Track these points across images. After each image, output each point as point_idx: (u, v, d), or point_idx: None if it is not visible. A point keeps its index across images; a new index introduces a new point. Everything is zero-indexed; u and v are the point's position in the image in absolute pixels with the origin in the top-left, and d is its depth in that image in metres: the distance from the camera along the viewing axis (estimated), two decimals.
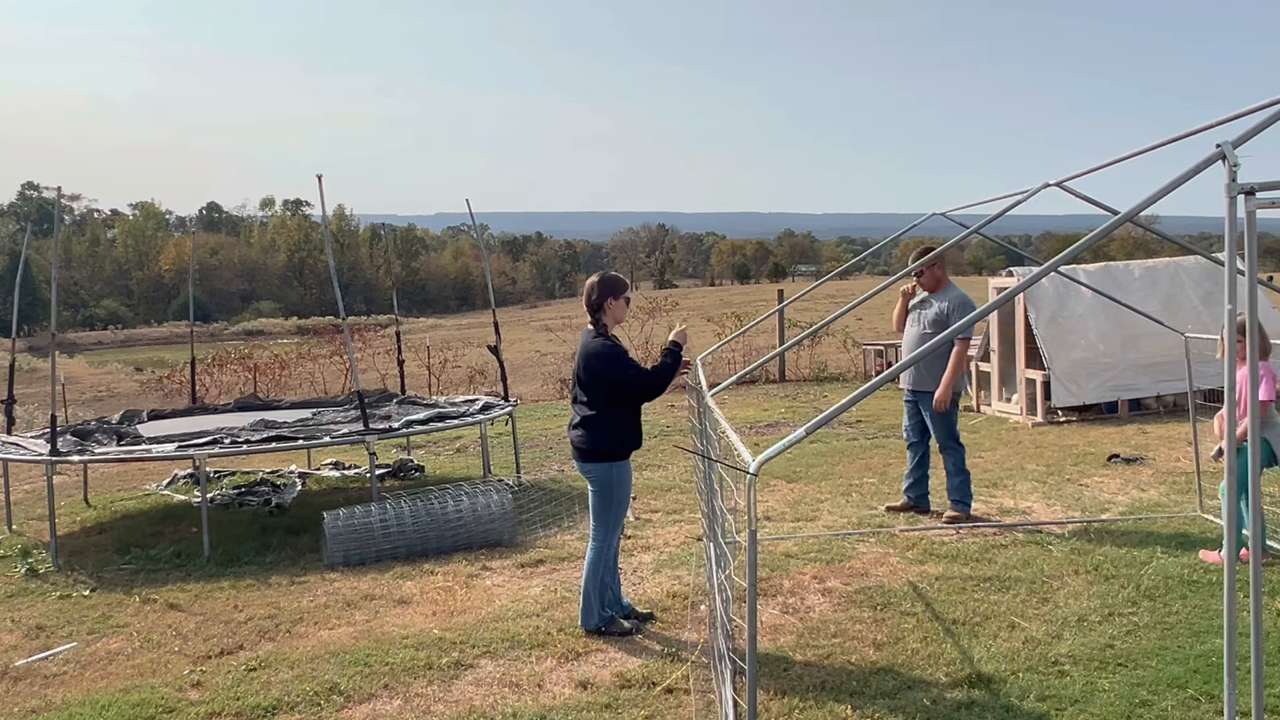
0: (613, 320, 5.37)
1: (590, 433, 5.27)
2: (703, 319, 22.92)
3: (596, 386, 5.26)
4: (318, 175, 8.44)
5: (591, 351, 5.30)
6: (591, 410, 5.27)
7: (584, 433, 5.28)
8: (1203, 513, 7.01)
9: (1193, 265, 12.17)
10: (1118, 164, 5.08)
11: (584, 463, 5.34)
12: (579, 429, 5.32)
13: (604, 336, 5.34)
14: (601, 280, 5.40)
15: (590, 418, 5.26)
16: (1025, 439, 10.61)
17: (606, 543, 5.32)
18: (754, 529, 2.85)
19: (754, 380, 16.83)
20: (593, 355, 5.29)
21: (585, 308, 5.39)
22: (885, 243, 12.39)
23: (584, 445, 5.29)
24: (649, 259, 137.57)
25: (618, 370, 5.26)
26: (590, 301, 5.36)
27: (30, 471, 10.39)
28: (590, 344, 5.33)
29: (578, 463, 5.40)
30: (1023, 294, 11.39)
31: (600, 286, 5.35)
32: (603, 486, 5.30)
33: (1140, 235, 48.27)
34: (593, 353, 5.29)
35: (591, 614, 5.28)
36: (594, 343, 5.32)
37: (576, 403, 5.39)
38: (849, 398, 3.08)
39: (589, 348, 5.33)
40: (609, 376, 5.24)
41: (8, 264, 65.78)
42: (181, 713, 4.50)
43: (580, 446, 5.31)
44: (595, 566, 5.30)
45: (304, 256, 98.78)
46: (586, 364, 5.30)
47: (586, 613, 5.30)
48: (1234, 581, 3.06)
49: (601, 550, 5.31)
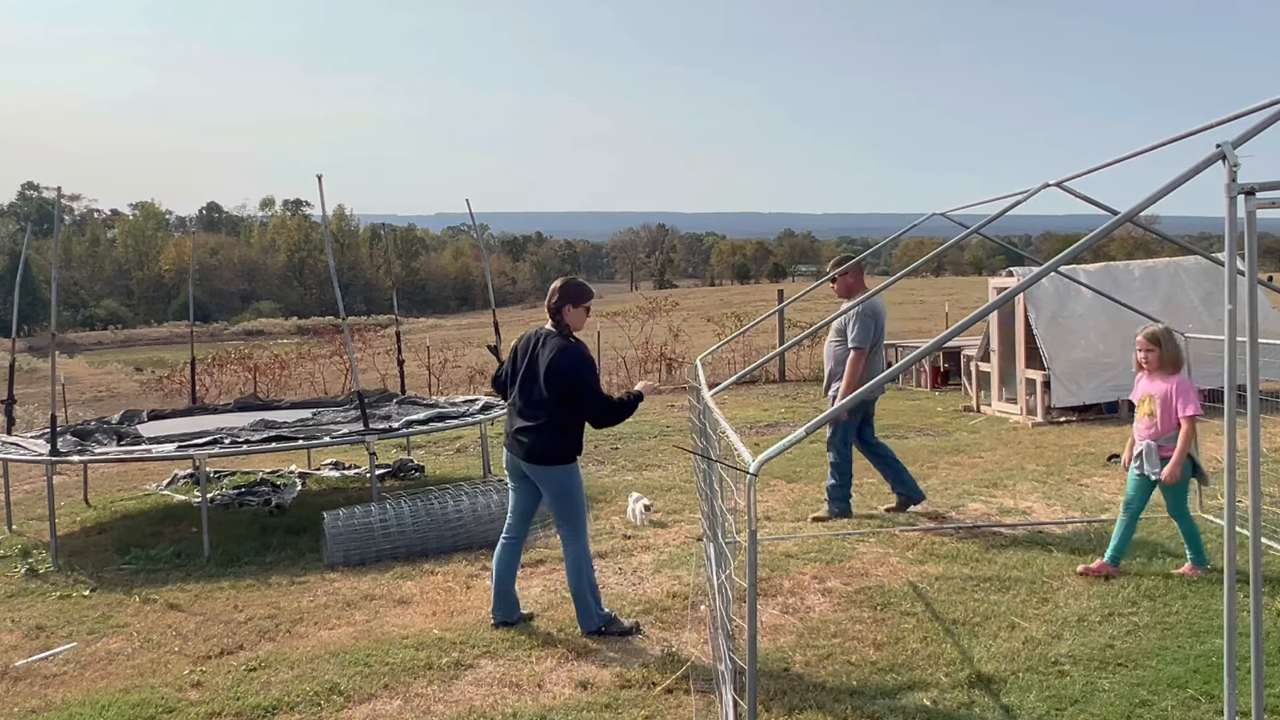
0: (570, 327, 5.28)
1: (547, 436, 5.14)
2: (703, 319, 22.93)
3: (561, 389, 5.10)
4: (318, 175, 8.45)
5: (563, 353, 5.13)
6: (547, 413, 5.13)
7: (540, 437, 5.14)
8: (1203, 513, 7.00)
9: (1193, 265, 12.17)
10: (1117, 164, 5.08)
11: (538, 466, 5.17)
12: (531, 433, 5.15)
13: (569, 339, 5.22)
14: (564, 286, 5.29)
15: (546, 422, 5.13)
16: (1025, 439, 10.61)
17: (581, 542, 5.26)
18: (754, 529, 2.85)
19: (754, 380, 16.83)
20: (565, 358, 5.11)
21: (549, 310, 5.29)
22: (885, 242, 12.40)
23: (540, 449, 5.14)
24: (649, 259, 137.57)
25: (587, 381, 5.14)
26: (549, 304, 5.28)
27: (30, 471, 10.39)
28: (560, 345, 5.16)
29: (528, 466, 5.20)
30: (1023, 294, 11.39)
31: (561, 292, 5.25)
32: (562, 490, 5.21)
33: (1140, 235, 48.29)
34: (565, 355, 5.12)
35: (590, 616, 5.25)
36: (563, 344, 5.17)
37: (530, 404, 5.19)
38: (849, 398, 3.08)
39: (558, 348, 5.15)
40: (577, 384, 5.10)
41: (8, 264, 65.80)
42: (181, 713, 4.50)
43: (535, 450, 5.15)
44: (579, 569, 5.23)
45: (304, 256, 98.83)
46: (554, 365, 5.11)
47: (585, 616, 5.26)
48: (1234, 581, 3.06)
49: (580, 551, 5.24)
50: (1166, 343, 5.67)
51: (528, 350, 5.31)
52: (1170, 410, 5.57)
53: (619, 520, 7.67)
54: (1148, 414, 5.66)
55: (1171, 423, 5.57)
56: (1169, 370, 5.65)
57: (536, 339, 5.31)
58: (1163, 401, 5.59)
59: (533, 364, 5.23)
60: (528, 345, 5.33)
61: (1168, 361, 5.66)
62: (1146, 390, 5.71)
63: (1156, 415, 5.63)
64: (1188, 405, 5.51)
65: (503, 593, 5.41)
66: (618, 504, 8.26)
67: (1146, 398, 5.70)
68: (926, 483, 8.53)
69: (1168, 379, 5.63)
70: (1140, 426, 5.72)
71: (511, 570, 5.44)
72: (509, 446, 5.33)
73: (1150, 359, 5.68)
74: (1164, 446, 5.59)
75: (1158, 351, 5.66)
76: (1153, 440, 5.63)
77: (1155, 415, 5.63)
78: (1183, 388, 5.57)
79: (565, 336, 5.22)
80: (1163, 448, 5.60)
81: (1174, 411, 5.56)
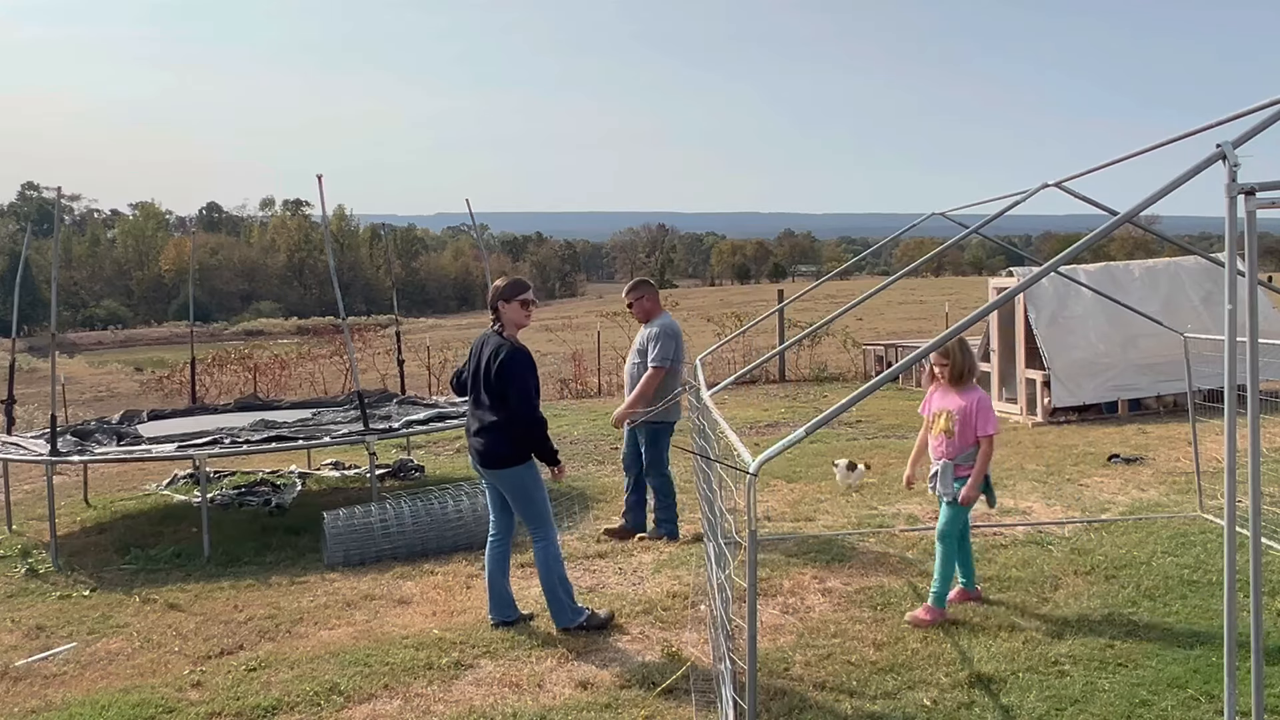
0: (510, 324, 5.30)
1: (500, 438, 5.17)
2: (703, 319, 22.93)
3: (507, 389, 5.13)
4: (318, 175, 8.45)
5: (503, 352, 5.16)
6: (497, 415, 5.17)
7: (493, 438, 5.18)
8: (1203, 513, 7.01)
9: (1193, 265, 12.17)
10: (1117, 164, 5.08)
11: (496, 469, 5.22)
12: (486, 435, 5.20)
13: (512, 341, 5.24)
14: (503, 283, 5.34)
15: (495, 423, 5.17)
16: (1025, 439, 10.61)
17: (550, 539, 5.30)
18: (754, 529, 2.85)
19: (754, 380, 16.83)
20: (506, 358, 5.14)
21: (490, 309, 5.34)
22: (885, 242, 12.41)
23: (496, 452, 5.18)
24: (649, 259, 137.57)
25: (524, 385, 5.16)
26: (490, 302, 5.34)
27: (30, 471, 10.39)
28: (500, 345, 5.20)
29: (486, 470, 5.26)
30: (1023, 294, 11.39)
31: (496, 289, 5.31)
32: (521, 491, 5.26)
33: (1140, 235, 48.30)
34: (505, 356, 5.15)
35: (564, 612, 5.25)
36: (504, 345, 5.20)
37: (480, 407, 5.24)
38: (849, 398, 3.08)
39: (498, 348, 5.19)
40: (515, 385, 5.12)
41: (8, 264, 65.80)
42: (181, 713, 4.50)
43: (491, 453, 5.19)
44: (550, 566, 5.25)
45: (304, 256, 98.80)
46: (501, 367, 5.13)
47: (560, 613, 5.26)
48: (1234, 581, 3.06)
49: (549, 548, 5.27)
50: (959, 354, 5.23)
51: (478, 352, 5.35)
52: (969, 427, 5.16)
53: (619, 520, 7.66)
54: (944, 430, 5.23)
55: (970, 439, 5.17)
56: (965, 383, 5.25)
57: (483, 340, 5.36)
58: (962, 417, 5.17)
59: (484, 364, 5.25)
60: (479, 347, 5.36)
61: (965, 373, 5.25)
62: (942, 405, 5.29)
63: (954, 432, 5.19)
64: (988, 423, 5.14)
65: (497, 592, 5.42)
66: (618, 504, 8.26)
67: (942, 413, 5.27)
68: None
69: (965, 393, 5.22)
70: (934, 444, 5.30)
71: (503, 568, 5.45)
72: (470, 450, 5.37)
73: (944, 372, 5.27)
74: (960, 465, 5.20)
75: (950, 365, 5.24)
76: (949, 459, 5.21)
77: (953, 432, 5.19)
78: (983, 404, 5.19)
79: (504, 336, 5.27)
80: (959, 466, 5.20)
81: (973, 429, 5.16)
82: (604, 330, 19.76)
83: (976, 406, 5.16)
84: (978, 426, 5.15)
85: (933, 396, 5.40)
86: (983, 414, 5.14)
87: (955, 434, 5.18)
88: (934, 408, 5.35)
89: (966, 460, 5.19)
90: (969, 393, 5.22)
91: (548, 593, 5.28)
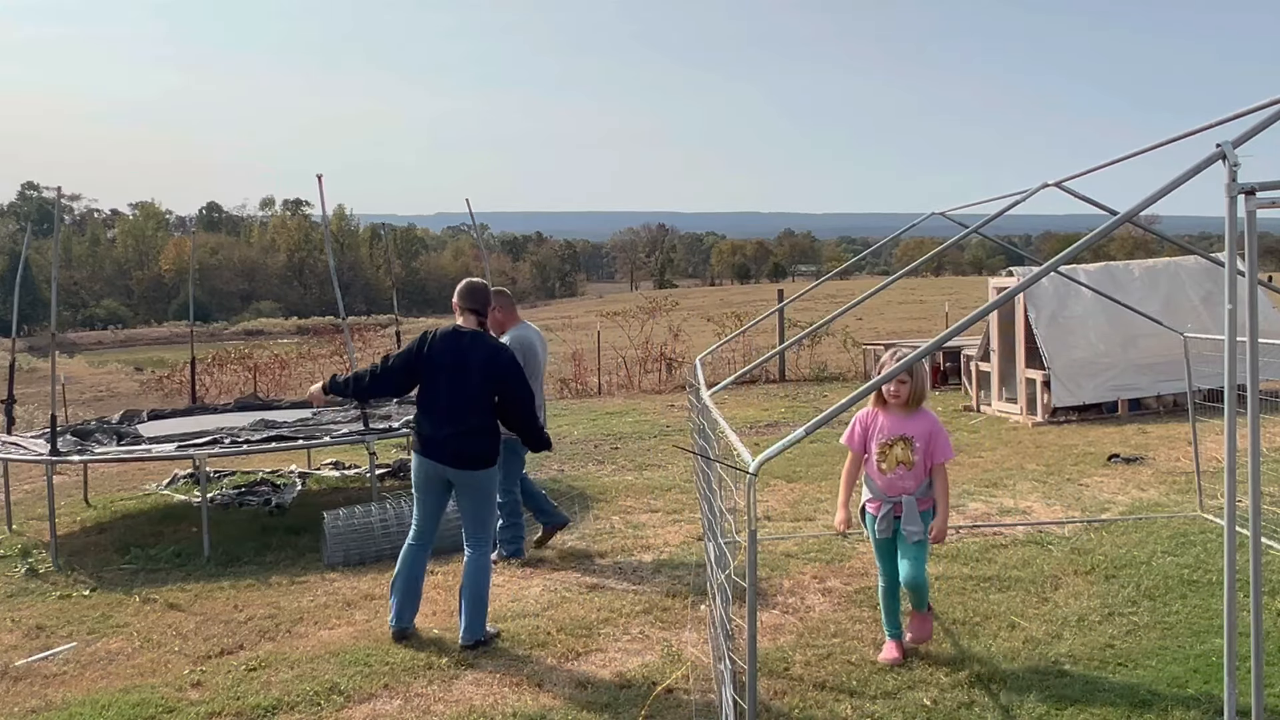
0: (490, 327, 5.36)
1: (487, 440, 5.15)
2: (703, 319, 22.93)
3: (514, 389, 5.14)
4: (318, 175, 8.45)
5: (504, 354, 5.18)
6: (485, 417, 5.13)
7: (481, 440, 5.12)
8: (1203, 512, 7.01)
9: (1193, 265, 12.17)
10: (1117, 164, 5.08)
11: (477, 471, 5.14)
12: (472, 436, 5.09)
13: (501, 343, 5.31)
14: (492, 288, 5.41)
15: (483, 425, 5.13)
16: (1025, 439, 10.61)
17: (490, 548, 5.28)
18: (754, 529, 2.85)
19: (754, 380, 16.83)
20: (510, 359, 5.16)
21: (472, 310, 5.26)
22: (885, 242, 12.41)
23: (480, 453, 5.12)
24: (649, 259, 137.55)
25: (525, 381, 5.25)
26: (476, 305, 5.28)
27: (30, 471, 10.39)
28: (497, 346, 5.22)
29: (465, 473, 5.12)
30: (1023, 294, 11.39)
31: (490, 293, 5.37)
32: (489, 493, 5.27)
33: (1140, 235, 48.31)
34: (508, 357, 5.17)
35: (482, 624, 5.14)
36: (499, 346, 5.24)
37: (463, 408, 5.09)
38: (849, 397, 3.08)
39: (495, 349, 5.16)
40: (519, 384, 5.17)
41: (8, 264, 65.77)
42: (182, 712, 4.50)
43: (475, 455, 5.11)
44: (487, 575, 5.20)
45: (304, 256, 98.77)
46: (505, 368, 5.12)
47: (479, 624, 5.12)
48: (1234, 581, 3.06)
49: (487, 556, 5.23)
50: (919, 372, 4.69)
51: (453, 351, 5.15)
52: (928, 455, 4.60)
53: (619, 520, 7.67)
54: (900, 461, 4.60)
55: (926, 469, 4.63)
56: (918, 404, 4.68)
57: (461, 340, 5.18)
58: (923, 445, 4.59)
59: (467, 366, 5.12)
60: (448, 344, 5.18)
61: (923, 396, 4.69)
62: (896, 431, 4.61)
63: (914, 462, 4.59)
64: (949, 448, 4.64)
65: (415, 597, 5.30)
66: (618, 504, 8.26)
67: (897, 441, 4.60)
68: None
69: (920, 417, 4.65)
70: (886, 478, 4.63)
71: (423, 574, 5.36)
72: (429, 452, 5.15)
73: (902, 392, 4.62)
74: (923, 499, 4.64)
75: (911, 384, 4.62)
76: (910, 493, 4.61)
77: (913, 463, 4.59)
78: (941, 428, 4.66)
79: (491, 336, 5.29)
80: (922, 500, 4.63)
81: (931, 457, 4.61)
82: (604, 330, 19.77)
83: (936, 431, 4.63)
84: (936, 453, 4.62)
85: (873, 423, 4.70)
86: (943, 439, 4.64)
87: (916, 464, 4.60)
88: (883, 436, 4.65)
89: (925, 493, 4.66)
90: (923, 416, 4.67)
91: (476, 601, 5.13)
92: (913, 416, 4.64)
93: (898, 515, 4.62)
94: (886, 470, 4.62)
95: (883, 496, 4.66)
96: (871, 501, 4.72)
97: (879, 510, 4.68)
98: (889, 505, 4.64)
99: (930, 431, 4.61)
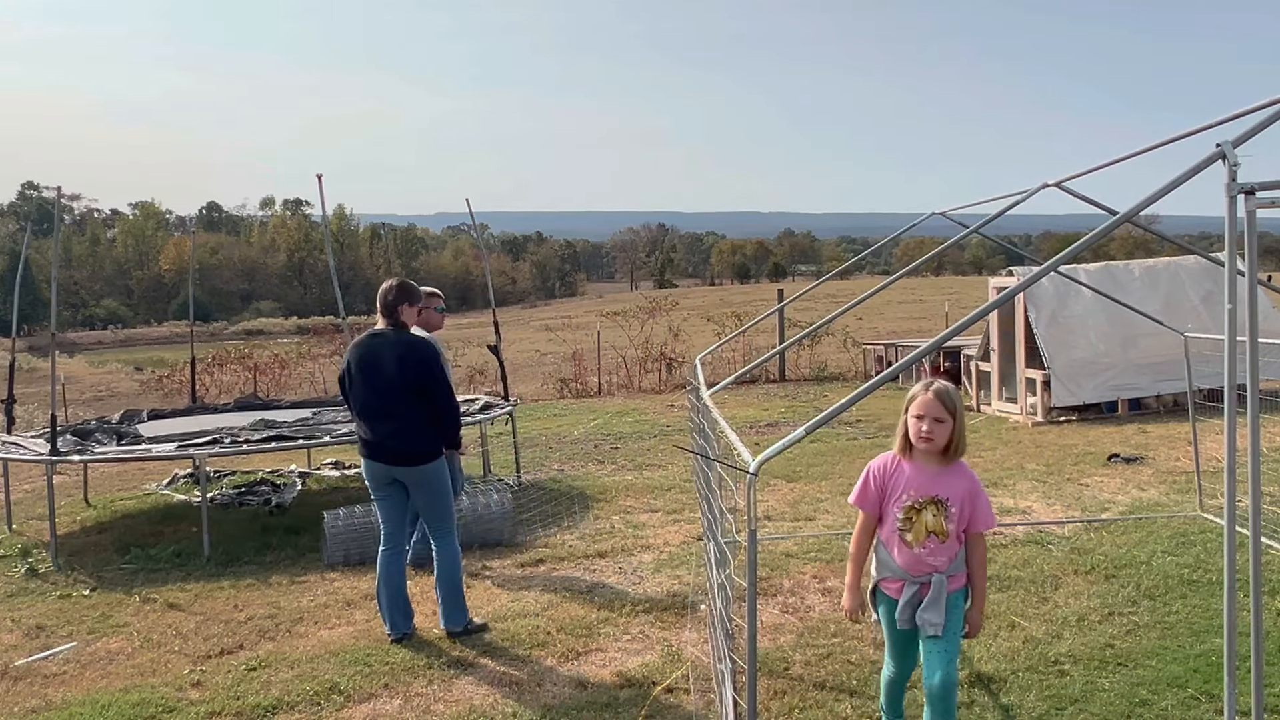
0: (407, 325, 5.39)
1: (419, 434, 5.23)
2: (703, 318, 22.94)
3: (433, 384, 5.22)
4: (318, 175, 8.45)
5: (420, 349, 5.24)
6: (414, 411, 5.21)
7: (412, 435, 5.21)
8: (1203, 512, 7.01)
9: (1193, 265, 12.18)
10: (1117, 164, 5.08)
11: (415, 467, 5.23)
12: (402, 434, 5.20)
13: (421, 338, 5.36)
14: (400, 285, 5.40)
15: (413, 420, 5.21)
16: (1025, 438, 10.61)
17: (455, 537, 5.35)
18: (754, 529, 2.85)
19: (754, 380, 16.84)
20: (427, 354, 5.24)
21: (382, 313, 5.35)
22: (885, 242, 12.41)
23: (416, 449, 5.22)
24: (649, 258, 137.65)
25: (445, 378, 5.35)
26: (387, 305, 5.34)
27: (30, 471, 10.39)
28: (413, 342, 5.27)
29: (408, 469, 5.24)
30: (1023, 294, 11.40)
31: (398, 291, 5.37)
32: (438, 485, 5.30)
33: (1140, 235, 48.31)
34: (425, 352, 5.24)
35: (460, 612, 5.26)
36: (416, 341, 5.29)
37: (391, 405, 5.20)
38: (849, 397, 3.08)
39: (410, 345, 5.23)
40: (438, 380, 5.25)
41: (8, 264, 65.79)
42: (182, 712, 4.50)
43: (412, 451, 5.22)
44: (456, 565, 5.28)
45: (304, 256, 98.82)
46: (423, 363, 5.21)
47: (456, 614, 5.25)
48: (1234, 581, 3.06)
49: (454, 546, 5.31)
50: (960, 411, 3.52)
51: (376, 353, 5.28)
52: (963, 520, 3.49)
53: (619, 520, 7.68)
54: (931, 532, 3.47)
55: (961, 540, 3.53)
56: (958, 455, 3.54)
57: (380, 342, 5.30)
58: (961, 511, 3.47)
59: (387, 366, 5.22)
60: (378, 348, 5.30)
61: (961, 443, 3.53)
62: (927, 490, 3.49)
63: (948, 533, 3.47)
64: (990, 514, 3.55)
65: (403, 605, 5.34)
66: (618, 503, 8.26)
67: (928, 505, 3.47)
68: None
69: (958, 472, 3.53)
70: (913, 552, 3.48)
71: (404, 579, 5.41)
72: (373, 453, 5.28)
73: (939, 434, 3.46)
74: (954, 575, 3.53)
75: (951, 424, 3.47)
76: (941, 571, 3.49)
77: (945, 534, 3.47)
78: (981, 487, 3.57)
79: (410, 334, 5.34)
80: (953, 578, 3.52)
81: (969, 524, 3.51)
82: (604, 330, 19.77)
83: (977, 493, 3.52)
84: (977, 521, 3.53)
85: (894, 477, 3.57)
86: (985, 503, 3.54)
87: (950, 535, 3.48)
88: (908, 497, 3.51)
89: (956, 568, 3.54)
90: (961, 472, 3.54)
91: (450, 591, 5.26)
92: (948, 471, 3.52)
93: (923, 598, 3.50)
94: (913, 543, 3.49)
95: (905, 576, 3.53)
96: (889, 581, 3.59)
97: (900, 593, 3.55)
98: (914, 587, 3.51)
99: (970, 493, 3.50)
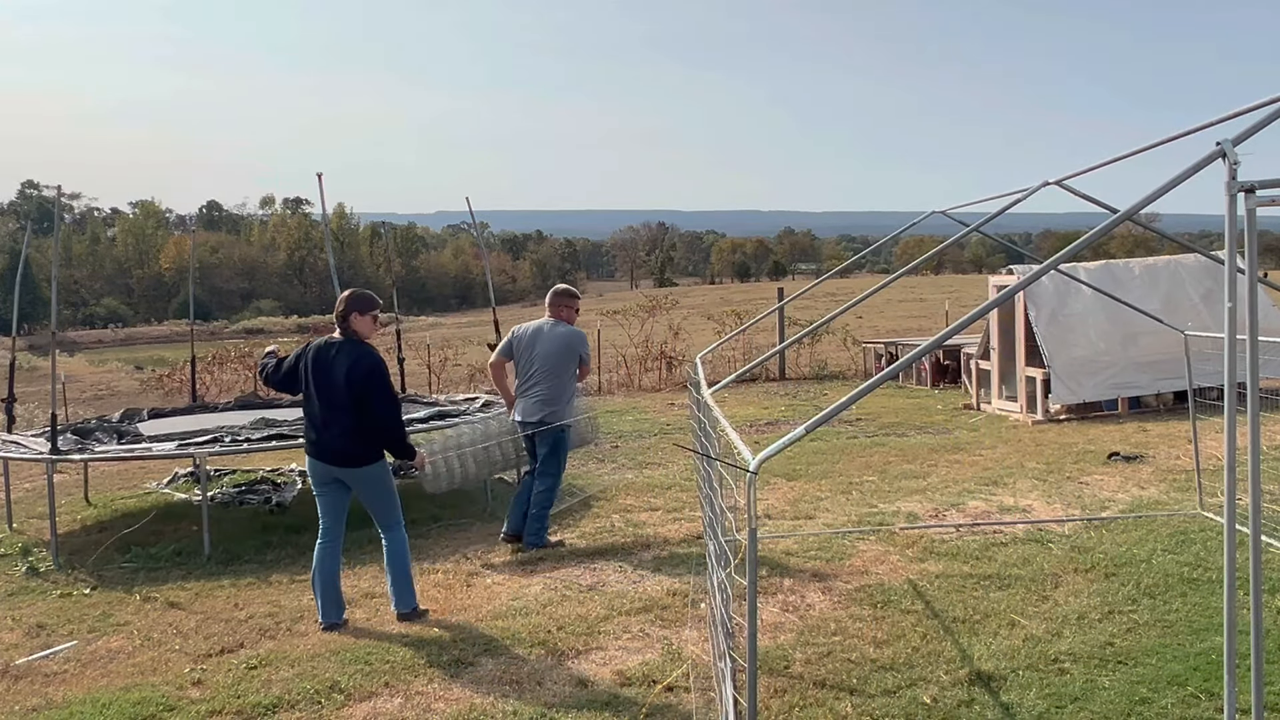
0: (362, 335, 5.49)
1: (361, 437, 5.39)
2: (703, 317, 22.93)
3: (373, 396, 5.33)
4: (318, 174, 8.45)
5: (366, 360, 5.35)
6: (355, 419, 5.35)
7: (355, 438, 5.39)
8: (1203, 510, 7.01)
9: (1193, 263, 12.18)
10: (1117, 162, 5.08)
11: (359, 469, 5.44)
12: (345, 437, 5.38)
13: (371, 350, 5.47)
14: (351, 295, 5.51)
15: (355, 426, 5.36)
16: (1025, 437, 10.62)
17: (403, 528, 5.59)
18: (754, 527, 2.85)
19: (754, 378, 16.84)
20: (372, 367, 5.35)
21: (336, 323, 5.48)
22: (885, 241, 12.41)
23: (357, 453, 5.41)
24: (649, 257, 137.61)
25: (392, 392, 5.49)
26: (337, 313, 5.48)
27: (31, 470, 10.39)
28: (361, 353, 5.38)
29: (350, 470, 5.45)
30: (1023, 292, 11.39)
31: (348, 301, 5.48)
32: (381, 485, 5.51)
33: (1140, 233, 48.28)
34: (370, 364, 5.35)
35: (409, 596, 5.54)
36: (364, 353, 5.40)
37: (335, 412, 5.37)
38: (849, 396, 3.08)
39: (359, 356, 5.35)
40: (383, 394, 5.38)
41: (8, 263, 65.75)
42: (182, 711, 4.50)
43: (351, 454, 5.41)
44: (405, 553, 5.56)
45: (304, 255, 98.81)
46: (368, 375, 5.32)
47: (406, 596, 5.55)
48: (1234, 579, 3.06)
49: (403, 537, 5.56)
50: None
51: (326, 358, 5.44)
52: None
53: (619, 518, 7.68)
54: None
55: None
56: None
57: (329, 347, 5.46)
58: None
59: (333, 372, 5.38)
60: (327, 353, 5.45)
61: None
62: None
63: None
64: None
65: (334, 595, 5.57)
66: (618, 502, 8.27)
67: None
68: (927, 480, 8.56)
69: None
70: None
71: (338, 570, 5.65)
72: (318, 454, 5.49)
73: None
74: None
75: None
76: None
77: None
78: None
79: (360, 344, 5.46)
80: None
81: None
82: (604, 328, 19.76)
83: None
84: None
85: None
86: None
87: None
88: None
89: None
90: None
91: (400, 578, 5.55)
92: None
93: None
94: None
95: None
96: None
97: None
98: None
99: None
